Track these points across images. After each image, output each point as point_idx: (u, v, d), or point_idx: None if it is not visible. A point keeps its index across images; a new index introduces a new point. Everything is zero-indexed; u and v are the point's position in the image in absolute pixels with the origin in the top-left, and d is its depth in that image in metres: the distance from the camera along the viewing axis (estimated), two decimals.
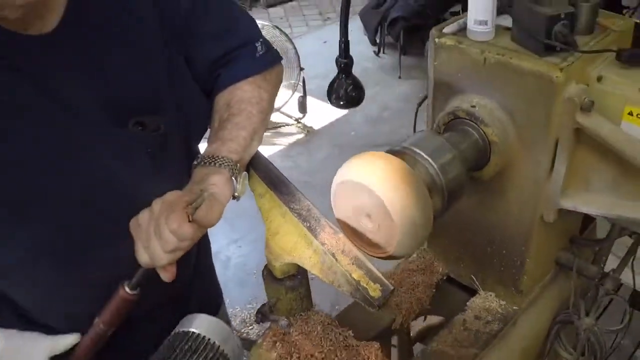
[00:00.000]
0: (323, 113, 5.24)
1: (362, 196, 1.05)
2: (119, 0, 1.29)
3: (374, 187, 1.02)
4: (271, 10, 8.02)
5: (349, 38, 6.25)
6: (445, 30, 1.30)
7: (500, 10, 1.33)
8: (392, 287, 1.02)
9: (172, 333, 1.27)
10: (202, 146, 1.41)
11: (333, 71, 5.71)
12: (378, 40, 6.09)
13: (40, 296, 1.36)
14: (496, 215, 1.38)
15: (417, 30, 5.94)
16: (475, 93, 1.26)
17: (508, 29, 1.30)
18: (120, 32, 1.29)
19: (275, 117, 5.11)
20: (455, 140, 1.22)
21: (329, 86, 1.38)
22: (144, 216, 1.16)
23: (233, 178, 1.25)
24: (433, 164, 1.12)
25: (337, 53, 6.04)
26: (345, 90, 1.35)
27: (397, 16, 5.60)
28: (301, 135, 5.01)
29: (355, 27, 6.52)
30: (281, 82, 1.54)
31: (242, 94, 1.40)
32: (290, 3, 8.20)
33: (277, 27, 4.94)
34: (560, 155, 1.23)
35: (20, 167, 1.20)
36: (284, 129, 5.07)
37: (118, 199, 1.29)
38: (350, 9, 6.57)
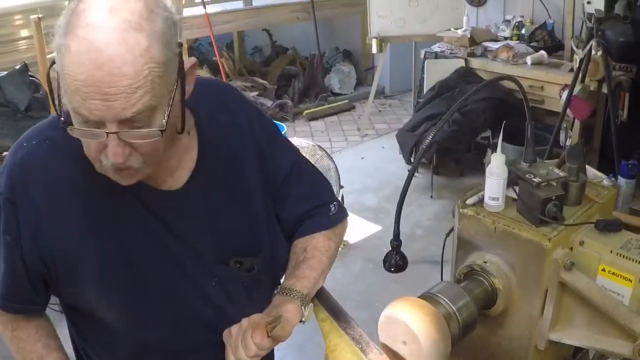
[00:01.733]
0: (358, 228, 5.48)
1: (401, 328, 1.46)
2: (233, 168, 1.67)
3: (409, 323, 1.43)
4: (312, 123, 8.36)
5: (385, 155, 6.72)
6: (467, 202, 1.72)
7: (510, 183, 1.74)
8: None
9: None
10: None
11: (369, 187, 6.17)
12: (412, 160, 6.31)
13: None
14: (501, 342, 1.76)
15: (450, 153, 6.31)
16: (488, 252, 1.67)
17: (515, 200, 1.72)
18: (232, 192, 1.67)
19: None
20: (470, 287, 1.63)
21: (384, 257, 1.86)
22: (235, 329, 1.57)
23: (302, 307, 1.65)
24: (452, 306, 1.53)
25: (374, 170, 6.49)
26: (395, 261, 1.79)
27: (431, 139, 5.88)
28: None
29: (392, 146, 6.90)
30: (346, 231, 1.93)
31: (316, 243, 1.79)
32: (330, 118, 8.53)
33: (321, 147, 5.25)
34: (549, 301, 1.62)
35: (147, 286, 1.60)
36: None
37: (216, 316, 1.67)
38: (387, 126, 7.04)
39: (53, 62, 1.32)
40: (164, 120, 1.32)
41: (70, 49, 1.24)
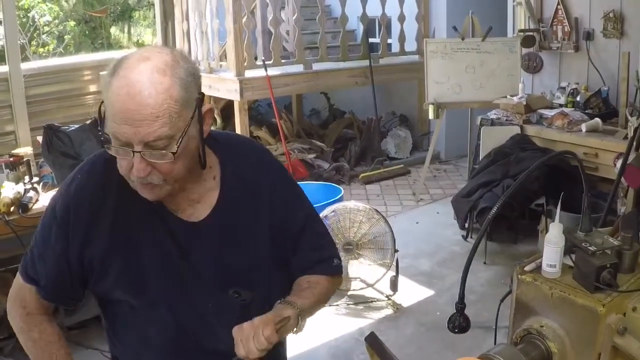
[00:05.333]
0: (412, 292, 5.53)
1: None
2: (246, 216, 1.99)
3: None
4: (368, 187, 8.49)
5: (440, 220, 6.77)
6: (525, 268, 1.79)
7: (567, 251, 1.81)
8: None
9: None
10: None
11: (423, 252, 6.20)
12: (467, 226, 6.40)
13: None
14: None
15: (504, 219, 6.33)
16: (544, 316, 1.73)
17: (571, 267, 1.78)
18: (242, 235, 1.98)
19: (368, 293, 5.42)
20: (527, 349, 1.69)
21: (448, 319, 1.94)
22: (247, 325, 1.81)
23: (299, 317, 1.92)
24: None
25: (428, 235, 6.52)
26: (459, 322, 1.87)
27: (486, 206, 5.89)
28: (390, 312, 5.24)
29: (446, 211, 6.96)
30: (339, 286, 2.32)
31: (318, 280, 2.10)
32: (385, 181, 8.65)
33: (377, 211, 5.39)
34: None
35: (153, 296, 1.94)
36: (375, 304, 5.34)
37: (206, 333, 1.99)
38: (442, 191, 7.10)
39: (102, 101, 1.70)
40: (176, 145, 1.67)
41: (112, 85, 1.64)
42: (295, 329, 1.92)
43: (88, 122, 4.74)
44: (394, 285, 5.40)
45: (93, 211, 1.89)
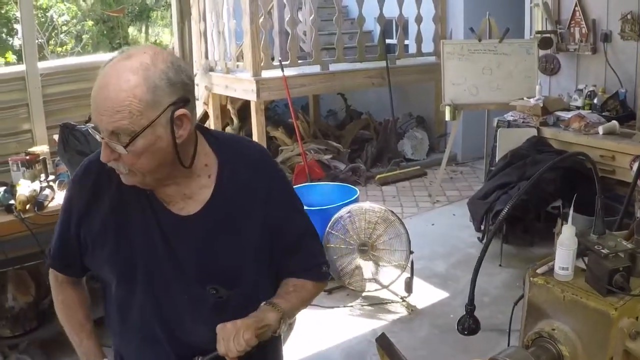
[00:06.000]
0: (426, 294, 5.50)
1: None
2: (237, 217, 2.04)
3: None
4: (384, 188, 8.48)
5: (456, 222, 6.74)
6: (538, 270, 1.78)
7: (580, 254, 1.80)
8: None
9: None
10: None
11: (438, 254, 6.18)
12: (483, 228, 6.32)
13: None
14: None
15: (519, 221, 6.28)
16: (556, 319, 1.72)
17: (584, 270, 1.77)
18: (230, 234, 2.04)
19: (382, 294, 5.43)
20: (538, 353, 1.68)
21: (458, 320, 1.93)
22: (230, 325, 1.89)
23: (281, 320, 1.99)
24: None
25: (444, 237, 6.49)
26: (469, 324, 1.86)
27: (502, 208, 5.83)
28: (405, 313, 5.22)
29: (462, 213, 6.92)
30: (322, 290, 2.40)
31: (304, 285, 2.18)
32: (402, 183, 8.63)
33: (393, 213, 5.40)
34: None
35: (136, 280, 2.02)
36: (389, 305, 5.33)
37: (177, 324, 2.05)
38: (458, 193, 7.06)
39: None
40: (128, 139, 1.77)
41: (99, 74, 1.80)
42: (276, 332, 2.00)
43: None
44: (408, 287, 5.40)
45: (95, 191, 2.03)
